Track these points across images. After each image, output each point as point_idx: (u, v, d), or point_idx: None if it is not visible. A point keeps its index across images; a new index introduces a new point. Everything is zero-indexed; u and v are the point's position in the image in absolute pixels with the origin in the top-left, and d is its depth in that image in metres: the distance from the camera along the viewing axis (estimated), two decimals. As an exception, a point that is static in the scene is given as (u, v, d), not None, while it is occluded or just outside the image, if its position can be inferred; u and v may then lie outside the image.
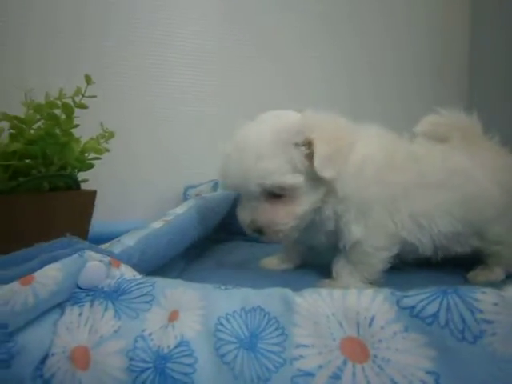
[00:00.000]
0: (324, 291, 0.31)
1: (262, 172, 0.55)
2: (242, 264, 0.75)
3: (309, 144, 0.56)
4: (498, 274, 0.68)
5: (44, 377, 0.32)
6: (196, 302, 0.34)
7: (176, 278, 0.57)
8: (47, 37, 1.04)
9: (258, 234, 0.59)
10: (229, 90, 1.21)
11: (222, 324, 0.31)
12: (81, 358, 0.32)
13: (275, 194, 0.57)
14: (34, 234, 0.63)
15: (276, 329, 0.30)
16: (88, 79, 0.70)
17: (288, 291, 0.32)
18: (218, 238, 0.92)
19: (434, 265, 0.73)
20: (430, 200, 0.62)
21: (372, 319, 0.28)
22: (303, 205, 0.57)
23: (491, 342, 0.25)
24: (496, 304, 0.26)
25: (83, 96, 0.71)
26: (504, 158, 0.71)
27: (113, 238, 0.54)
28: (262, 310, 0.31)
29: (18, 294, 0.31)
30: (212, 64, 1.20)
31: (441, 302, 0.27)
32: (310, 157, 0.56)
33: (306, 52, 1.29)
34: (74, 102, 0.70)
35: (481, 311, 0.26)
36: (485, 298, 0.26)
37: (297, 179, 0.56)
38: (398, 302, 0.28)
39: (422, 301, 0.27)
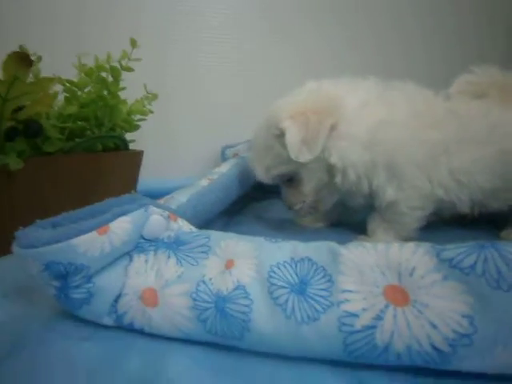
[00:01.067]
0: (368, 244, 0.33)
1: (263, 169, 0.64)
2: (278, 220, 0.79)
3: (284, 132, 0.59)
4: None
5: (118, 313, 0.38)
6: (250, 252, 0.37)
7: (220, 230, 0.62)
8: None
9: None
10: (266, 54, 1.21)
11: (274, 271, 0.35)
12: (150, 298, 0.37)
13: (287, 180, 0.65)
14: (90, 190, 0.68)
15: (323, 276, 0.33)
16: (133, 43, 0.72)
17: (334, 244, 0.35)
18: (255, 196, 0.96)
19: (467, 224, 0.74)
20: (471, 156, 0.62)
21: (413, 269, 0.31)
22: (308, 184, 0.64)
23: (524, 290, 0.28)
24: (531, 257, 0.28)
25: (129, 59, 0.74)
26: None
27: (158, 195, 0.58)
28: (310, 260, 0.35)
29: (97, 242, 0.36)
30: (249, 30, 1.19)
31: (478, 255, 0.29)
32: None
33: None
34: (120, 65, 0.73)
35: (516, 263, 0.28)
36: (520, 252, 0.28)
37: (289, 166, 0.62)
38: (437, 255, 0.30)
39: (460, 254, 0.30)
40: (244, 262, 0.36)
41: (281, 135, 0.60)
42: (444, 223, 0.73)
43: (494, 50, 1.34)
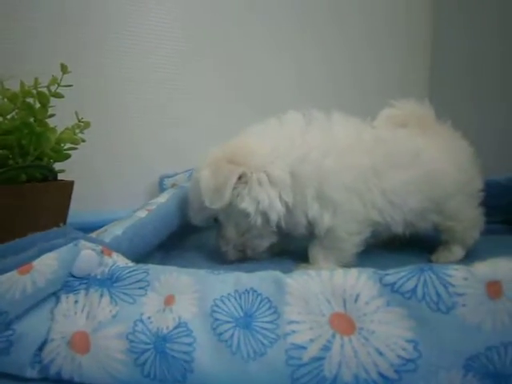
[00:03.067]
0: (313, 272, 0.33)
1: (194, 212, 0.69)
2: (219, 252, 0.77)
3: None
4: (456, 253, 0.74)
5: (43, 362, 0.34)
6: (191, 286, 0.35)
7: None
8: (25, 25, 1.00)
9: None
10: (206, 83, 1.21)
11: (217, 305, 0.33)
12: (80, 343, 0.33)
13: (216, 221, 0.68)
14: (11, 224, 0.62)
15: (269, 308, 0.32)
16: (64, 68, 0.69)
17: (279, 273, 0.34)
18: (196, 226, 0.93)
19: (399, 248, 0.78)
20: (400, 178, 0.66)
21: (357, 296, 0.31)
22: (226, 228, 0.67)
23: (462, 312, 0.28)
24: (466, 279, 0.29)
25: (59, 85, 0.70)
26: (457, 140, 0.76)
27: (91, 229, 0.54)
28: (255, 291, 0.34)
29: (17, 283, 0.32)
30: (189, 59, 1.19)
31: (418, 279, 0.30)
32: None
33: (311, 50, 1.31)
34: (49, 91, 0.69)
35: (453, 285, 0.29)
36: (456, 274, 0.29)
37: (210, 211, 0.64)
38: (380, 280, 0.31)
39: (401, 278, 0.30)
40: (185, 297, 0.35)
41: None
42: (379, 248, 0.76)
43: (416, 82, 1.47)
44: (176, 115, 1.16)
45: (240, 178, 0.62)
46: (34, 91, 0.67)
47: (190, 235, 0.90)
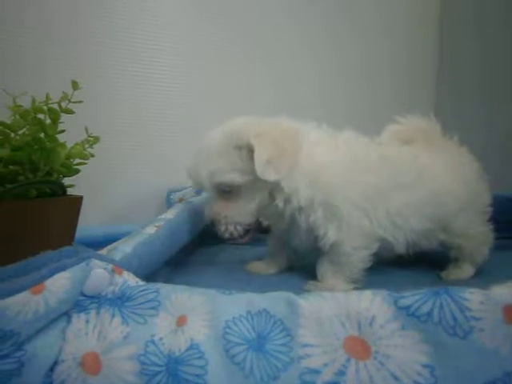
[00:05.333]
0: (326, 294, 0.33)
1: (210, 172, 0.61)
2: (228, 268, 0.77)
3: (251, 147, 0.60)
4: (467, 271, 0.73)
5: (54, 383, 0.33)
6: (203, 306, 0.35)
7: (164, 282, 0.58)
8: (36, 42, 1.02)
9: (212, 226, 0.64)
10: (215, 95, 1.22)
11: (229, 327, 0.33)
12: (91, 364, 0.33)
13: (227, 191, 0.62)
14: (21, 240, 0.62)
15: (282, 330, 0.32)
16: (75, 85, 0.70)
17: (291, 294, 0.34)
18: (203, 242, 0.93)
19: (409, 264, 0.77)
20: (403, 199, 0.66)
21: (372, 319, 0.30)
22: (246, 202, 0.63)
23: (479, 336, 0.28)
24: (482, 302, 0.29)
25: (69, 101, 0.71)
26: (463, 156, 0.76)
27: (98, 244, 0.54)
28: (268, 312, 0.33)
29: (30, 303, 0.32)
30: (198, 68, 1.20)
31: (434, 302, 0.29)
32: (253, 159, 0.60)
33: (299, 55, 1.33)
34: (60, 107, 0.70)
35: (469, 309, 0.29)
36: (473, 297, 0.29)
37: (237, 178, 0.61)
38: (395, 303, 0.30)
39: (417, 301, 0.30)
40: (197, 318, 0.34)
41: (241, 148, 0.61)
42: (386, 265, 0.76)
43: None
44: (185, 130, 1.17)
45: None
46: (45, 107, 0.68)
47: (197, 250, 0.90)
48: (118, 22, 1.10)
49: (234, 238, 0.65)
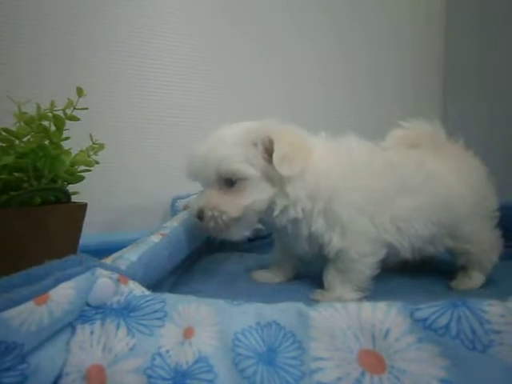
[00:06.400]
0: (338, 305, 0.32)
1: (220, 157, 0.60)
2: (233, 276, 0.75)
3: (268, 144, 0.60)
4: (476, 280, 0.72)
5: (58, 397, 0.32)
6: (211, 318, 0.34)
7: (169, 291, 0.57)
8: (40, 49, 1.02)
9: (199, 220, 0.61)
10: (221, 105, 1.22)
11: (238, 339, 0.32)
12: (96, 377, 0.32)
13: (229, 184, 0.60)
14: (25, 247, 0.62)
15: (293, 342, 0.31)
16: (80, 91, 0.70)
17: (302, 305, 0.33)
18: (209, 250, 0.92)
19: (416, 273, 0.76)
20: (408, 204, 0.65)
21: (387, 331, 0.29)
22: (248, 199, 0.60)
23: (499, 350, 0.27)
24: (503, 315, 0.28)
25: (74, 108, 0.70)
26: (469, 160, 0.75)
27: (103, 252, 0.53)
28: (278, 324, 0.32)
29: (34, 314, 0.31)
30: (203, 77, 1.20)
31: (451, 314, 0.28)
32: (266, 157, 0.60)
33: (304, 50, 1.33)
34: (65, 114, 0.70)
35: (489, 322, 0.28)
36: (492, 310, 0.28)
37: (246, 170, 0.60)
38: (411, 315, 0.29)
39: (433, 313, 0.29)
40: (205, 330, 0.33)
41: (257, 144, 0.60)
42: (393, 272, 0.75)
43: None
44: (191, 138, 1.17)
45: None
46: (50, 114, 0.68)
47: (202, 258, 0.89)
48: (121, 29, 1.10)
49: (218, 231, 0.61)
